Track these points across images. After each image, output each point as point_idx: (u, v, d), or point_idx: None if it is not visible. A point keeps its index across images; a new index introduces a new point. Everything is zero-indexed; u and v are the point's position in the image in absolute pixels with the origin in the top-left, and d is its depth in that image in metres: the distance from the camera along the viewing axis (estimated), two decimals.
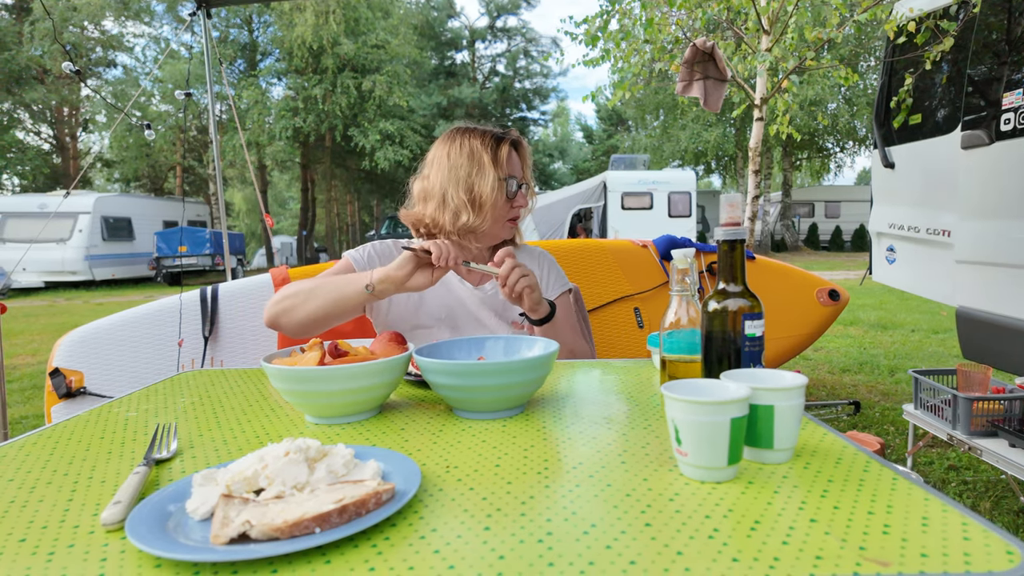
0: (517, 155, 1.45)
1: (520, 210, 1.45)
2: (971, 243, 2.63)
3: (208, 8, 3.53)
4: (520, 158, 1.46)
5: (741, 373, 0.75)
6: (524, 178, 1.46)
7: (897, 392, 3.87)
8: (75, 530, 0.57)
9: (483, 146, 1.40)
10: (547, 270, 1.54)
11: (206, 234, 17.25)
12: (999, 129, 2.45)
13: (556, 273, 1.55)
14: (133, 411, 0.99)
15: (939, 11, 3.12)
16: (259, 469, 0.61)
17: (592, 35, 4.76)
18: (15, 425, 3.62)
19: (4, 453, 0.80)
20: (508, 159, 1.42)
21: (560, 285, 1.53)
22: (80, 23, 21.02)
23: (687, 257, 0.90)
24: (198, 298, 2.40)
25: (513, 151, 1.44)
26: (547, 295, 1.50)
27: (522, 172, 1.46)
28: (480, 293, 1.44)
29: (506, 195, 1.40)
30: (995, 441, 2.01)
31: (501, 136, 1.44)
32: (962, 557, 0.47)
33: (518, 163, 1.45)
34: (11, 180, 23.30)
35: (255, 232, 35.77)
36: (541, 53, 29.57)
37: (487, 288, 1.46)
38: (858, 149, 22.87)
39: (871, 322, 6.49)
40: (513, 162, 1.43)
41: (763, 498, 0.59)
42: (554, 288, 1.52)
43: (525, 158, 1.47)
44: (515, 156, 1.44)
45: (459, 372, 0.84)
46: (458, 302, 1.43)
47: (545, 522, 0.55)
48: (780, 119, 5.00)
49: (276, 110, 20.46)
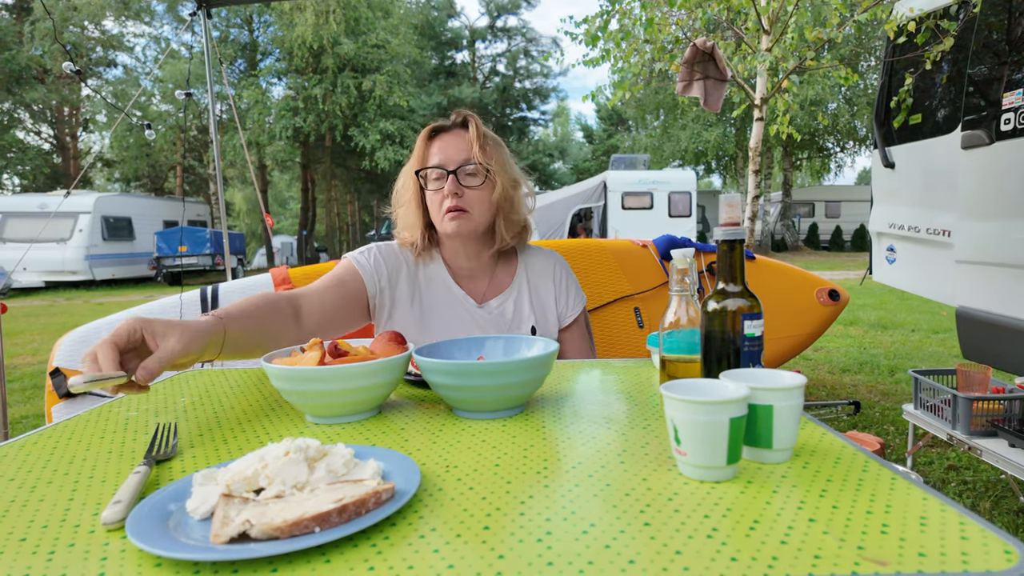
0: (442, 141, 1.31)
1: (452, 199, 1.27)
2: (971, 243, 2.63)
3: (208, 8, 3.54)
4: (452, 141, 1.30)
5: (740, 373, 0.75)
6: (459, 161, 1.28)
7: (897, 392, 3.87)
8: (76, 529, 0.57)
9: (418, 140, 1.33)
10: (564, 282, 1.43)
11: (206, 234, 17.27)
12: (999, 129, 2.45)
13: (572, 284, 1.43)
14: (133, 411, 0.99)
15: (939, 11, 3.12)
16: (259, 469, 0.61)
17: (592, 35, 4.76)
18: (15, 425, 3.63)
19: (5, 453, 0.80)
20: (427, 149, 1.31)
21: (578, 301, 1.43)
22: (80, 23, 21.04)
23: (687, 257, 0.90)
24: (198, 298, 2.40)
25: (436, 138, 1.32)
26: (566, 312, 1.41)
27: (456, 156, 1.29)
28: (484, 312, 1.37)
29: (421, 188, 1.31)
30: (995, 441, 2.01)
31: (435, 126, 1.34)
32: (960, 557, 0.47)
33: (443, 148, 1.30)
34: (11, 180, 23.34)
35: (255, 232, 35.79)
36: (541, 53, 29.59)
37: (492, 306, 1.37)
38: (858, 149, 22.88)
39: (871, 322, 6.49)
40: (432, 151, 1.31)
41: (762, 498, 0.59)
42: (573, 304, 1.42)
43: (458, 140, 1.30)
44: (436, 144, 1.31)
45: (459, 372, 0.85)
46: (459, 319, 1.35)
47: (544, 521, 0.55)
48: (780, 119, 5.01)
49: (276, 110, 20.47)
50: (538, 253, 1.46)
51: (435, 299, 1.37)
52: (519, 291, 1.40)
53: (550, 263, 1.44)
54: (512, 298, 1.39)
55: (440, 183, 1.29)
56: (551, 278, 1.42)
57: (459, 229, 1.29)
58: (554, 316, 1.42)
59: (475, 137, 1.29)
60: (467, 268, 1.39)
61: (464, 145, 1.30)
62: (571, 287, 1.44)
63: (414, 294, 1.36)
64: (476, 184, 1.29)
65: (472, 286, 1.39)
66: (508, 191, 1.33)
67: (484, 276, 1.40)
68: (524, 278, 1.41)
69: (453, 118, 1.34)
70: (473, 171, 1.29)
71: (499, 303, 1.37)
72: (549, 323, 1.40)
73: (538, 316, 1.39)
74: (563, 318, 1.42)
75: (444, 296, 1.37)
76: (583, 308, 1.45)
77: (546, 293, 1.42)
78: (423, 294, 1.37)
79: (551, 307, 1.42)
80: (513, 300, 1.39)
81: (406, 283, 1.37)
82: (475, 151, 1.28)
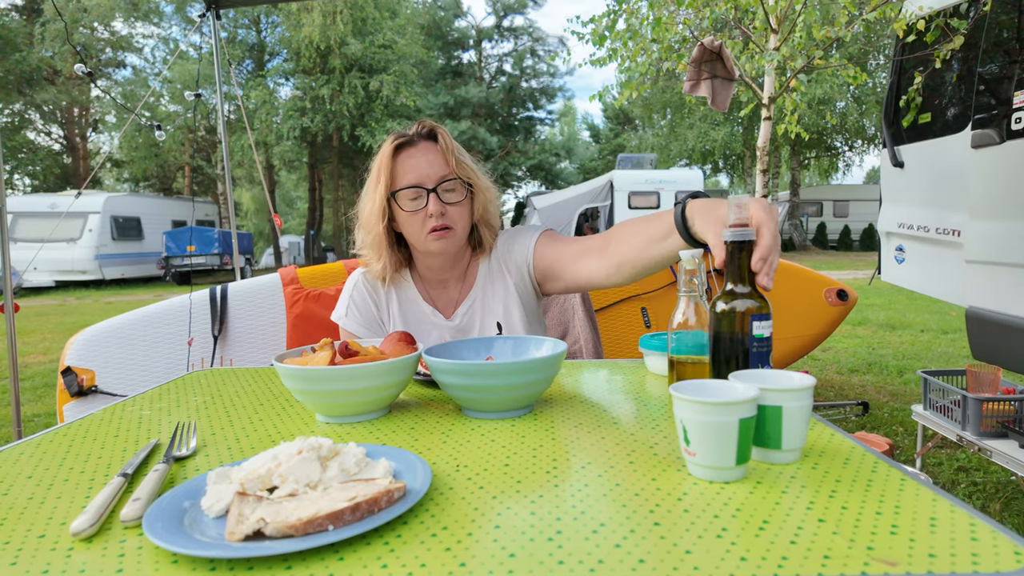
0: (412, 157, 1.24)
1: (437, 219, 1.22)
2: (981, 243, 2.62)
3: (217, 9, 3.56)
4: (425, 156, 1.24)
5: (749, 374, 0.75)
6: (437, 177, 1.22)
7: (906, 393, 3.84)
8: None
9: (381, 157, 1.25)
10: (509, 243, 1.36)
11: (214, 233, 17.36)
12: (1010, 128, 2.44)
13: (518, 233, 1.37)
14: (146, 410, 1.00)
15: (949, 9, 3.10)
16: (272, 467, 0.62)
17: (599, 34, 4.75)
18: (27, 423, 3.66)
19: (22, 451, 0.81)
20: (395, 167, 1.24)
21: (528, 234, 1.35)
22: (90, 24, 21.19)
23: (695, 258, 0.90)
24: (207, 297, 2.42)
25: (403, 153, 1.24)
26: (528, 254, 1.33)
27: (433, 172, 1.23)
28: (452, 323, 1.35)
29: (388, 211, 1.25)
30: (1005, 442, 2.00)
31: (398, 140, 1.26)
32: (970, 557, 0.47)
33: (417, 165, 1.23)
34: (22, 180, 23.53)
35: (263, 231, 35.93)
36: (548, 52, 29.53)
37: (460, 313, 1.35)
38: (867, 148, 22.73)
39: (880, 322, 6.45)
40: (403, 169, 1.23)
41: (771, 498, 0.59)
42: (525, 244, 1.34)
43: (431, 155, 1.24)
44: (405, 160, 1.24)
45: (468, 372, 0.85)
46: (430, 337, 1.35)
47: (555, 521, 0.56)
48: (788, 118, 4.98)
49: (284, 110, 20.56)
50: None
51: (407, 320, 1.37)
52: (481, 290, 1.36)
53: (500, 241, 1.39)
54: (477, 298, 1.36)
55: (418, 203, 1.24)
56: (500, 257, 1.36)
57: (445, 248, 1.26)
58: (526, 286, 1.35)
59: (447, 149, 1.25)
60: (441, 280, 1.37)
61: (437, 159, 1.24)
62: (519, 239, 1.35)
63: (390, 322, 1.39)
64: (458, 200, 1.26)
65: (444, 294, 1.37)
66: (485, 199, 1.31)
67: (456, 283, 1.38)
68: (486, 272, 1.37)
69: (417, 129, 1.28)
70: (452, 187, 1.25)
71: (467, 308, 1.35)
72: (512, 303, 1.34)
73: (504, 304, 1.33)
74: (530, 261, 1.33)
75: (415, 315, 1.36)
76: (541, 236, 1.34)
77: (503, 269, 1.36)
78: (395, 318, 1.38)
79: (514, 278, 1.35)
80: (479, 300, 1.36)
81: (385, 315, 1.39)
82: (452, 165, 1.24)
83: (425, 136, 1.27)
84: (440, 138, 1.26)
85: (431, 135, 1.27)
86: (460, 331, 1.35)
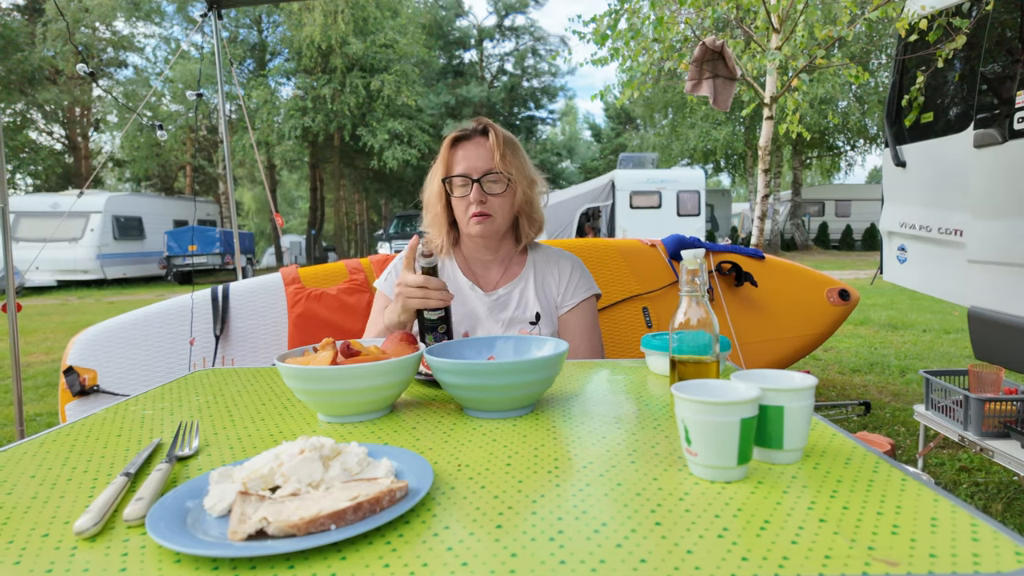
0: (465, 149, 1.40)
1: (477, 206, 1.37)
2: (983, 242, 2.61)
3: (218, 9, 3.56)
4: (475, 150, 1.39)
5: (751, 374, 0.75)
6: (483, 170, 1.37)
7: (908, 393, 3.84)
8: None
9: (443, 148, 1.43)
10: (569, 273, 1.50)
11: (216, 233, 17.37)
12: (1012, 127, 2.43)
13: (578, 276, 1.50)
14: (149, 409, 1.00)
15: (951, 8, 3.10)
16: (275, 467, 0.62)
17: (601, 34, 4.75)
18: (29, 422, 3.67)
19: (25, 450, 0.81)
20: (451, 156, 1.41)
21: (581, 290, 1.49)
22: (92, 24, 21.21)
23: (697, 257, 0.90)
24: (209, 297, 2.42)
25: (458, 145, 1.41)
26: (568, 297, 1.48)
27: (480, 164, 1.38)
28: (490, 299, 1.45)
29: (447, 193, 1.41)
30: (1007, 442, 2.00)
31: (457, 134, 1.43)
32: (971, 558, 0.48)
33: (467, 156, 1.39)
34: (24, 180, 23.57)
35: (264, 231, 35.97)
36: (549, 52, 29.53)
37: (500, 292, 1.46)
38: (869, 147, 22.69)
39: (882, 322, 6.44)
40: (456, 159, 1.40)
41: (772, 498, 0.59)
42: (574, 291, 1.48)
43: (480, 149, 1.39)
44: (459, 151, 1.40)
45: (470, 372, 0.85)
46: (471, 310, 1.44)
47: (556, 520, 0.56)
48: (790, 117, 4.98)
49: (285, 110, 20.56)
50: (552, 250, 1.55)
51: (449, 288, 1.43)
52: (527, 281, 1.49)
53: (561, 257, 1.53)
54: (520, 287, 1.48)
55: (465, 190, 1.39)
56: (558, 269, 1.51)
57: (483, 232, 1.40)
58: (556, 303, 1.50)
59: (495, 146, 1.38)
60: (483, 260, 1.50)
61: (486, 154, 1.39)
62: (576, 278, 1.50)
63: None
64: (499, 191, 1.39)
65: (485, 274, 1.50)
66: (527, 194, 1.44)
67: (499, 267, 1.51)
68: (532, 269, 1.51)
69: (474, 126, 1.43)
70: (495, 179, 1.38)
71: (507, 291, 1.47)
72: (552, 312, 1.48)
73: (543, 304, 1.47)
74: (561, 303, 1.49)
75: (455, 286, 1.47)
76: (587, 301, 1.49)
77: (551, 282, 1.50)
78: None
79: (553, 295, 1.49)
80: (520, 289, 1.48)
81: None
82: (496, 160, 1.38)
83: (480, 132, 1.42)
84: (491, 134, 1.40)
85: (484, 131, 1.41)
86: (497, 305, 1.45)
